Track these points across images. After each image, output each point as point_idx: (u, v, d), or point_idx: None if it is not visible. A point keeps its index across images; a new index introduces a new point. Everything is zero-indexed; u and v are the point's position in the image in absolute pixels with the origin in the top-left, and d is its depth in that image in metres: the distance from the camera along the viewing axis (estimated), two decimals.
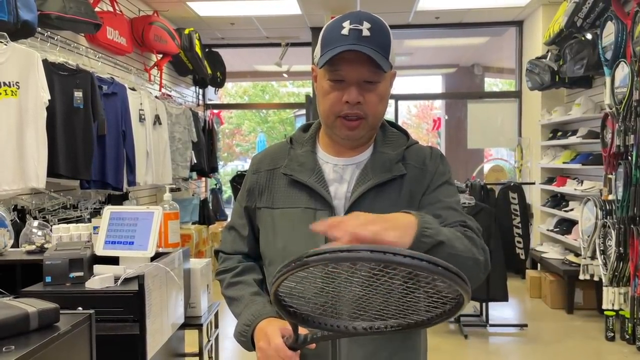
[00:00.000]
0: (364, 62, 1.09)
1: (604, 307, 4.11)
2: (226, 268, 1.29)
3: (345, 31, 1.09)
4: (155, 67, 5.67)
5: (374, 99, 1.13)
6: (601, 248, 4.24)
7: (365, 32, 1.09)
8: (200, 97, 7.56)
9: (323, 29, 1.16)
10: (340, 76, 1.11)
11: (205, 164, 6.26)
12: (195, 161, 5.85)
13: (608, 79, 4.24)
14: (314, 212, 1.16)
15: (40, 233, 2.32)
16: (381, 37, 1.11)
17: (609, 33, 4.20)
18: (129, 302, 1.73)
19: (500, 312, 4.87)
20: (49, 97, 3.18)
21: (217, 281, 1.33)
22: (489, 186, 4.94)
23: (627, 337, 3.99)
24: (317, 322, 0.87)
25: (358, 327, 0.85)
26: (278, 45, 7.43)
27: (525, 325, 4.51)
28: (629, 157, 3.95)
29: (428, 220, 0.98)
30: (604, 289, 4.12)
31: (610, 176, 4.22)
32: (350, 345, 1.13)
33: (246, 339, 1.12)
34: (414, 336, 1.21)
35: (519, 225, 4.67)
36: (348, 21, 1.10)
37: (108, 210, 1.96)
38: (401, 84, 10.62)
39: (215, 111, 8.01)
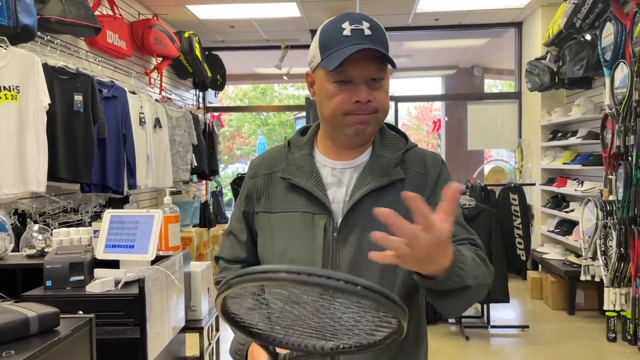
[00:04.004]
0: (370, 60, 1.09)
1: (605, 307, 4.11)
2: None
3: (347, 32, 1.09)
4: (155, 71, 5.68)
5: (382, 95, 1.13)
6: (602, 249, 4.24)
7: (367, 32, 1.09)
8: (201, 100, 7.56)
9: (319, 32, 1.15)
10: (347, 76, 1.10)
11: (206, 167, 6.26)
12: (196, 164, 5.85)
13: (608, 80, 4.24)
14: (312, 216, 1.16)
15: (40, 237, 2.31)
16: (381, 35, 1.12)
17: (608, 34, 4.20)
18: (129, 306, 1.73)
19: (501, 313, 4.86)
20: (49, 101, 3.18)
21: None
22: (489, 187, 4.94)
23: (629, 337, 3.98)
24: (285, 342, 0.87)
25: (325, 346, 0.84)
26: (278, 47, 7.43)
27: (527, 327, 4.50)
28: (629, 158, 3.95)
29: (462, 260, 0.97)
30: (605, 289, 4.11)
31: (610, 177, 4.22)
32: (345, 357, 1.13)
33: (240, 358, 1.13)
34: (413, 341, 1.20)
35: (520, 226, 4.66)
36: (347, 22, 1.10)
37: (108, 213, 1.97)
38: (401, 86, 10.65)
39: (216, 114, 8.02)
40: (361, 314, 0.78)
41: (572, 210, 5.26)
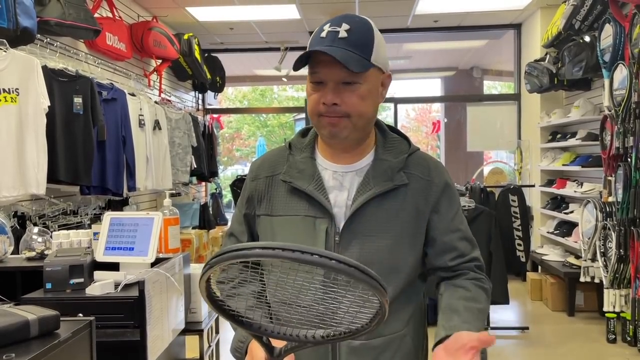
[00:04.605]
0: (338, 63, 1.07)
1: (605, 309, 4.11)
2: None
3: (323, 34, 1.10)
4: (155, 73, 5.68)
5: (354, 100, 1.11)
6: (601, 250, 4.24)
7: (342, 34, 1.09)
8: (200, 101, 7.57)
9: None
10: (318, 78, 1.12)
11: (205, 169, 6.26)
12: (195, 166, 5.85)
13: (607, 81, 4.25)
14: (314, 220, 1.16)
15: (40, 239, 2.31)
16: (360, 37, 1.10)
17: (607, 35, 4.21)
18: (129, 308, 1.73)
19: (501, 315, 4.86)
20: (49, 103, 3.18)
21: None
22: (488, 189, 4.94)
23: (629, 339, 3.98)
24: (276, 332, 0.87)
25: (316, 335, 0.85)
26: (277, 49, 7.44)
27: (527, 328, 4.50)
28: (629, 159, 3.95)
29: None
30: (605, 291, 4.11)
31: (609, 178, 4.22)
32: (348, 355, 1.14)
33: (240, 355, 1.13)
34: (414, 341, 1.21)
35: (519, 227, 4.66)
36: (329, 24, 1.11)
37: (108, 216, 1.97)
38: (400, 87, 10.65)
39: (215, 116, 8.02)
40: (342, 293, 0.79)
41: (572, 212, 5.26)
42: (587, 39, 4.69)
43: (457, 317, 1.10)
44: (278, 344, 0.89)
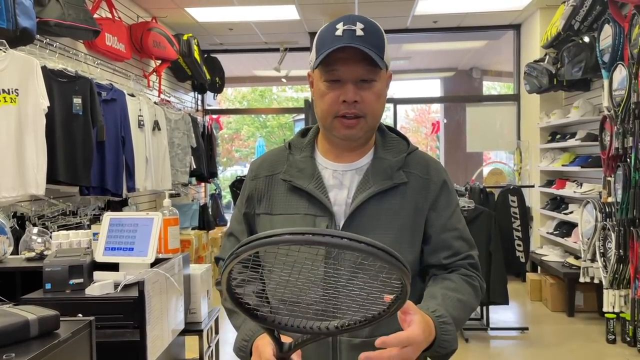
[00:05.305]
0: (359, 60, 1.09)
1: (604, 309, 4.11)
2: None
3: (339, 32, 1.10)
4: (154, 73, 5.68)
5: (371, 98, 1.13)
6: (601, 250, 4.24)
7: (359, 32, 1.10)
8: (199, 102, 7.57)
9: (317, 33, 1.17)
10: (336, 76, 1.12)
11: (205, 169, 6.26)
12: (195, 166, 5.85)
13: (606, 82, 4.25)
14: (314, 219, 1.16)
15: (39, 240, 2.31)
16: (375, 37, 1.11)
17: (607, 36, 4.21)
18: (129, 309, 1.73)
19: (501, 315, 4.86)
20: (48, 104, 3.18)
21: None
22: (488, 189, 4.94)
23: (628, 339, 3.98)
24: (290, 324, 0.87)
25: (330, 326, 0.85)
26: (277, 50, 7.44)
27: (526, 329, 4.50)
28: (628, 160, 3.96)
29: (445, 330, 1.03)
30: (605, 291, 4.11)
31: (609, 179, 4.22)
32: (349, 352, 1.13)
33: (245, 354, 1.12)
34: None
35: (519, 228, 4.67)
36: (341, 23, 1.12)
37: (107, 216, 1.96)
38: (400, 88, 10.66)
39: (214, 116, 8.02)
40: (364, 279, 0.80)
41: (571, 212, 5.27)
42: (586, 39, 4.69)
43: (433, 301, 1.10)
44: (286, 339, 0.90)
